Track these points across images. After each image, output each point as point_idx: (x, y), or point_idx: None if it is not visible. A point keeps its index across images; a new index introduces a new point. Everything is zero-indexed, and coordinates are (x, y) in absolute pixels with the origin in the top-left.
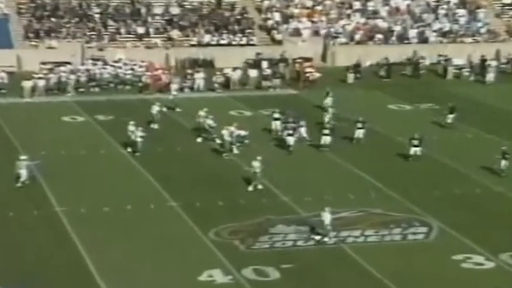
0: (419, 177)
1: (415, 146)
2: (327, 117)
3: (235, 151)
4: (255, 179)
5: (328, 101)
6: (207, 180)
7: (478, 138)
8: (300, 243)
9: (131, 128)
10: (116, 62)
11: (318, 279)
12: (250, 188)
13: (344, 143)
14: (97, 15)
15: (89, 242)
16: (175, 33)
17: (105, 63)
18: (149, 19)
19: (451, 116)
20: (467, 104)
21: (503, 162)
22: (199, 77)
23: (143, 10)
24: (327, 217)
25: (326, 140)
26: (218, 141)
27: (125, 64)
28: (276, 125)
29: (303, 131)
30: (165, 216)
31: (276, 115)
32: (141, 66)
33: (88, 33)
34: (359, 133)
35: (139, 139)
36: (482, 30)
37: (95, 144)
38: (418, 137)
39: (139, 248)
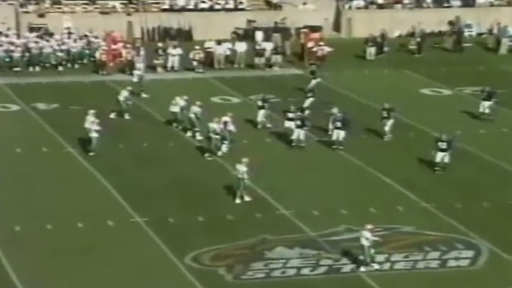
0: (463, 184)
1: (442, 150)
2: (306, 103)
3: (224, 150)
4: (239, 187)
5: (313, 83)
6: (183, 189)
7: None
8: (305, 271)
9: (91, 118)
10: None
11: None
12: (238, 201)
13: (363, 139)
14: None
15: (25, 270)
16: None
17: (48, 33)
18: None
19: (487, 103)
20: None
21: None
22: (174, 53)
23: None
24: (367, 237)
25: (339, 134)
26: (199, 137)
27: (72, 34)
28: (261, 115)
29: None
30: (128, 237)
31: (260, 102)
32: (96, 38)
33: None
34: (385, 124)
35: (94, 134)
36: None
37: (33, 140)
38: (445, 139)
39: (93, 278)
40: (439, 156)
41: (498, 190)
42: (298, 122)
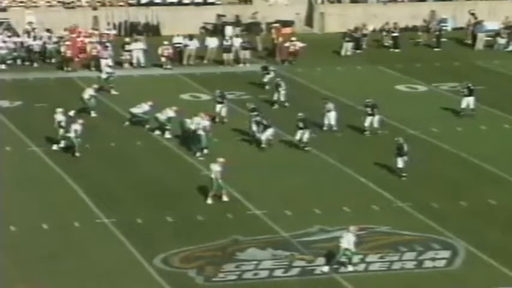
0: (439, 183)
1: (370, 114)
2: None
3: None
4: (213, 188)
5: (267, 78)
6: (152, 189)
7: None
8: (278, 273)
9: (59, 117)
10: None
11: None
12: (209, 201)
13: (337, 137)
14: None
15: None
16: None
17: (10, 28)
18: None
19: (471, 99)
20: (504, 83)
21: None
22: (137, 48)
23: None
24: (350, 239)
25: (303, 135)
26: (168, 135)
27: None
28: (220, 110)
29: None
30: (95, 238)
31: (219, 98)
32: (65, 31)
33: None
34: (370, 121)
35: (72, 134)
36: None
37: None
38: (370, 104)
39: (59, 281)
40: (368, 121)
41: (475, 189)
42: (264, 122)
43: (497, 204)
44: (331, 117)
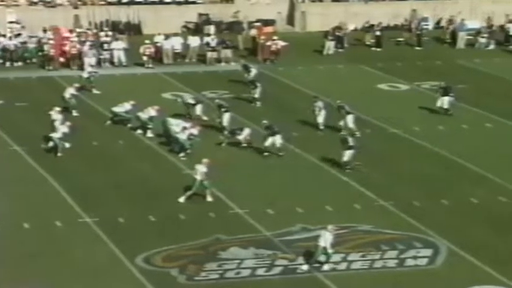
0: (422, 182)
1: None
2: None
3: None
4: (193, 187)
5: (251, 76)
6: (134, 188)
7: (500, 128)
8: (260, 271)
9: (55, 116)
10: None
11: None
12: (182, 199)
13: (318, 136)
14: None
15: None
16: None
17: None
18: None
19: (446, 99)
20: (486, 82)
21: None
22: (118, 47)
23: None
24: (328, 238)
25: (275, 140)
26: (150, 134)
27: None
28: (198, 110)
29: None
30: (77, 237)
31: (191, 100)
32: (44, 31)
33: None
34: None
35: (58, 135)
36: None
37: None
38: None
39: (41, 280)
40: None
41: (457, 187)
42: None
43: (479, 202)
44: (320, 117)
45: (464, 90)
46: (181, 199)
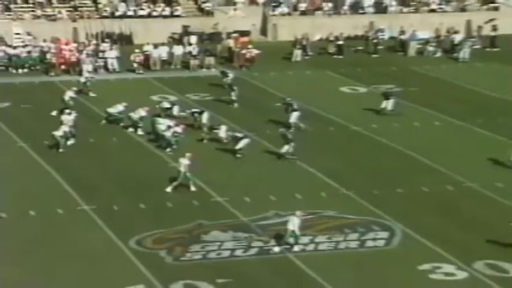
0: (380, 173)
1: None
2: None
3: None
4: (178, 179)
5: (229, 80)
6: (127, 179)
7: (447, 126)
8: (238, 252)
9: (66, 118)
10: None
11: None
12: (169, 189)
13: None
14: None
15: None
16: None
17: None
18: None
19: (389, 101)
20: (434, 86)
21: None
22: (111, 56)
23: None
24: (295, 222)
25: (244, 142)
26: (141, 132)
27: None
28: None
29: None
30: (76, 223)
31: (166, 104)
32: (44, 41)
33: None
34: (294, 117)
35: (60, 133)
36: None
37: None
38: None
39: (45, 261)
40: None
41: (411, 178)
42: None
43: (430, 191)
44: (293, 116)
45: (416, 92)
46: (169, 189)
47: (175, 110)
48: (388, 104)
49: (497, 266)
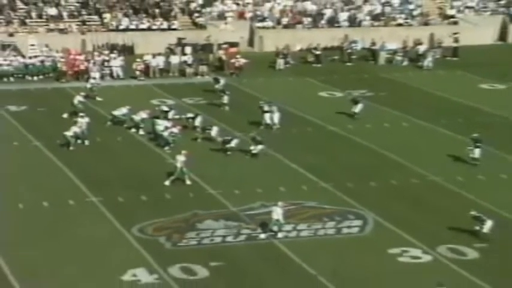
0: (354, 168)
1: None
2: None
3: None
4: (175, 173)
5: (220, 85)
6: (130, 174)
7: (414, 127)
8: (229, 239)
9: (82, 120)
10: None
11: (248, 276)
12: (167, 183)
13: (274, 134)
14: None
15: (2, 242)
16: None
17: (16, 49)
18: (62, 2)
19: (357, 106)
20: (402, 91)
21: (476, 151)
22: (116, 65)
23: None
24: (278, 212)
25: (235, 142)
26: (142, 132)
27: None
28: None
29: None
30: (85, 212)
31: (165, 107)
32: (57, 52)
33: None
34: (267, 118)
35: (71, 133)
36: (415, 13)
37: (6, 135)
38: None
39: (58, 246)
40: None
41: (381, 173)
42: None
43: (398, 184)
44: (275, 117)
45: (385, 97)
46: (167, 182)
47: (171, 114)
48: (356, 108)
49: (457, 249)
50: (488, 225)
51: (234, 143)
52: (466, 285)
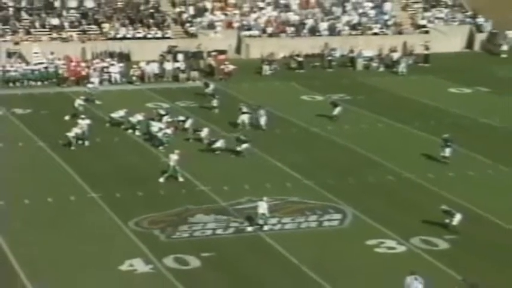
0: (334, 166)
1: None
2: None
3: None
4: (168, 171)
5: (210, 90)
6: (127, 172)
7: (389, 127)
8: (219, 231)
9: (81, 122)
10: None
11: (237, 266)
12: (161, 180)
13: (259, 134)
14: (10, 9)
15: (9, 234)
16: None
17: (21, 57)
18: (64, 13)
19: (336, 109)
20: (378, 94)
21: (447, 150)
22: (114, 71)
23: (57, 3)
24: (264, 206)
25: (221, 143)
26: (138, 133)
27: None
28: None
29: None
30: (86, 208)
31: (162, 111)
32: (59, 59)
33: (2, 27)
34: (243, 118)
35: (72, 134)
36: (389, 23)
37: (13, 137)
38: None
39: (60, 239)
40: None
41: (359, 170)
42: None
43: (375, 181)
44: (262, 120)
45: (363, 100)
46: (161, 179)
47: (165, 118)
48: (335, 111)
49: (429, 241)
50: (457, 218)
51: (219, 144)
52: (437, 274)
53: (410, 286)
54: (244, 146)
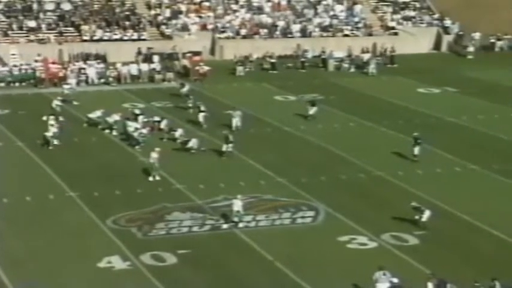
0: (307, 165)
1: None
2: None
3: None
4: (154, 170)
5: (185, 91)
6: (105, 171)
7: (359, 126)
8: (195, 229)
9: (52, 121)
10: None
11: (213, 263)
12: (151, 178)
13: (235, 135)
14: None
15: None
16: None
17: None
18: (41, 15)
19: (313, 108)
20: (349, 94)
21: (416, 148)
22: (91, 72)
23: (35, 6)
24: (238, 204)
25: (194, 143)
26: (115, 133)
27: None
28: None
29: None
30: (65, 206)
31: (137, 111)
32: (36, 61)
33: None
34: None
35: (50, 134)
36: (360, 25)
37: None
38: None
39: (39, 237)
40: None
41: (331, 168)
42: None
43: (346, 178)
44: (237, 121)
45: (335, 100)
46: (150, 178)
47: (140, 117)
48: (312, 110)
49: (399, 237)
50: (426, 214)
51: (192, 143)
52: (408, 268)
53: (378, 281)
54: (226, 146)
